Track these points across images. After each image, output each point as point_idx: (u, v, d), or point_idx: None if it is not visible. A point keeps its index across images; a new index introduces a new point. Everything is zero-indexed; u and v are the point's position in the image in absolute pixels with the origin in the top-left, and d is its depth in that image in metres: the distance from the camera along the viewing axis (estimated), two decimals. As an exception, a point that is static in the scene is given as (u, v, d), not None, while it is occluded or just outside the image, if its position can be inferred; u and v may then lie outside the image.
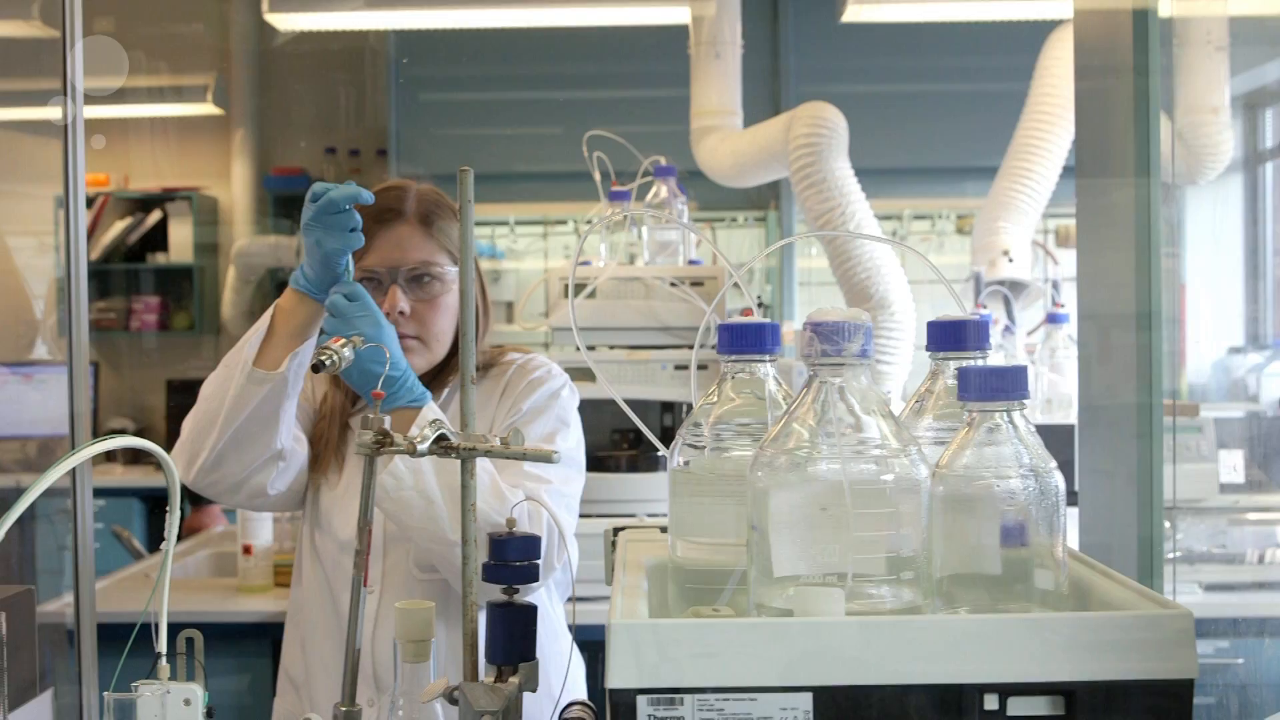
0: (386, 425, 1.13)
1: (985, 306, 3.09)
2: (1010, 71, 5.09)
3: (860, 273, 2.84)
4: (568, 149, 5.65)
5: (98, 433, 5.62)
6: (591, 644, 2.06)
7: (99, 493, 5.20)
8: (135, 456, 5.66)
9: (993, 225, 3.20)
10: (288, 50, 5.81)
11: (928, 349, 1.22)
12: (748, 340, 1.18)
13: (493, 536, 1.19)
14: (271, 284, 6.02)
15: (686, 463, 1.18)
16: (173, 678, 1.12)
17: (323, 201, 1.57)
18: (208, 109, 5.79)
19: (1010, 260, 3.12)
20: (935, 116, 5.63)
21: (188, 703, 1.10)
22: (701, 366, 2.99)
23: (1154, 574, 1.51)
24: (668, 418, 3.18)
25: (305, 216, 1.61)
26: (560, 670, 1.78)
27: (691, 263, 3.12)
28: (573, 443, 1.85)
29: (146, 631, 1.25)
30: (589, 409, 2.10)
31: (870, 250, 2.85)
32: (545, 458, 1.06)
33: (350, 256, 1.63)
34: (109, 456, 5.62)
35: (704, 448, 1.17)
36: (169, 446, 1.83)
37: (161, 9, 5.60)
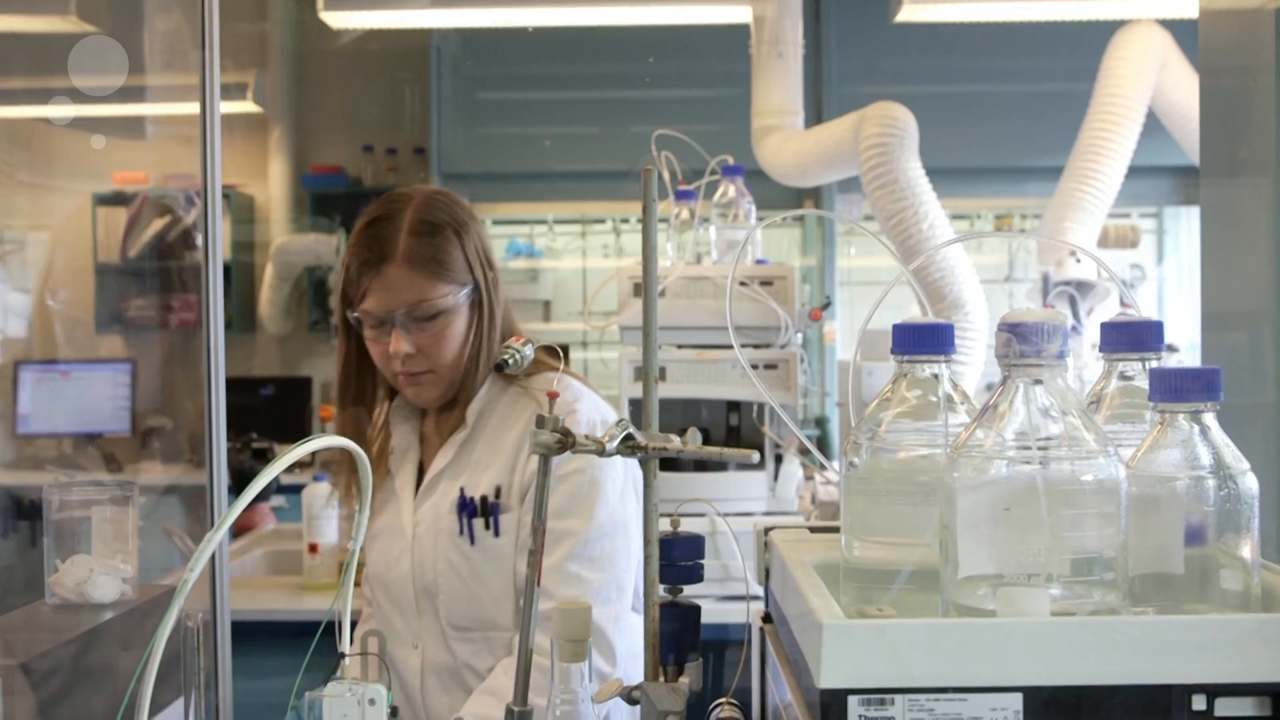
0: (564, 423, 1.13)
1: (1052, 306, 3.09)
2: (1057, 72, 5.10)
3: (934, 273, 2.83)
4: (605, 148, 5.67)
5: (137, 430, 5.63)
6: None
7: (139, 489, 5.21)
8: (173, 454, 5.66)
9: (1059, 226, 3.20)
10: (327, 48, 5.81)
11: (1100, 350, 1.22)
12: (924, 340, 1.17)
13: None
14: (309, 281, 6.02)
15: (853, 463, 1.18)
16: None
17: None
18: (247, 106, 5.79)
19: (1078, 260, 3.12)
20: (973, 117, 5.63)
21: (373, 702, 1.10)
22: (771, 366, 2.99)
23: (1294, 575, 1.50)
24: (734, 417, 3.18)
25: None
26: None
27: (759, 262, 3.12)
28: (614, 503, 1.77)
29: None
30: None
31: (943, 250, 2.84)
32: (746, 459, 1.06)
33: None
34: (148, 454, 5.62)
35: (878, 448, 1.17)
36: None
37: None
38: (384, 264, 1.74)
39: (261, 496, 4.25)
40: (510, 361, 1.12)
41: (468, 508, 1.74)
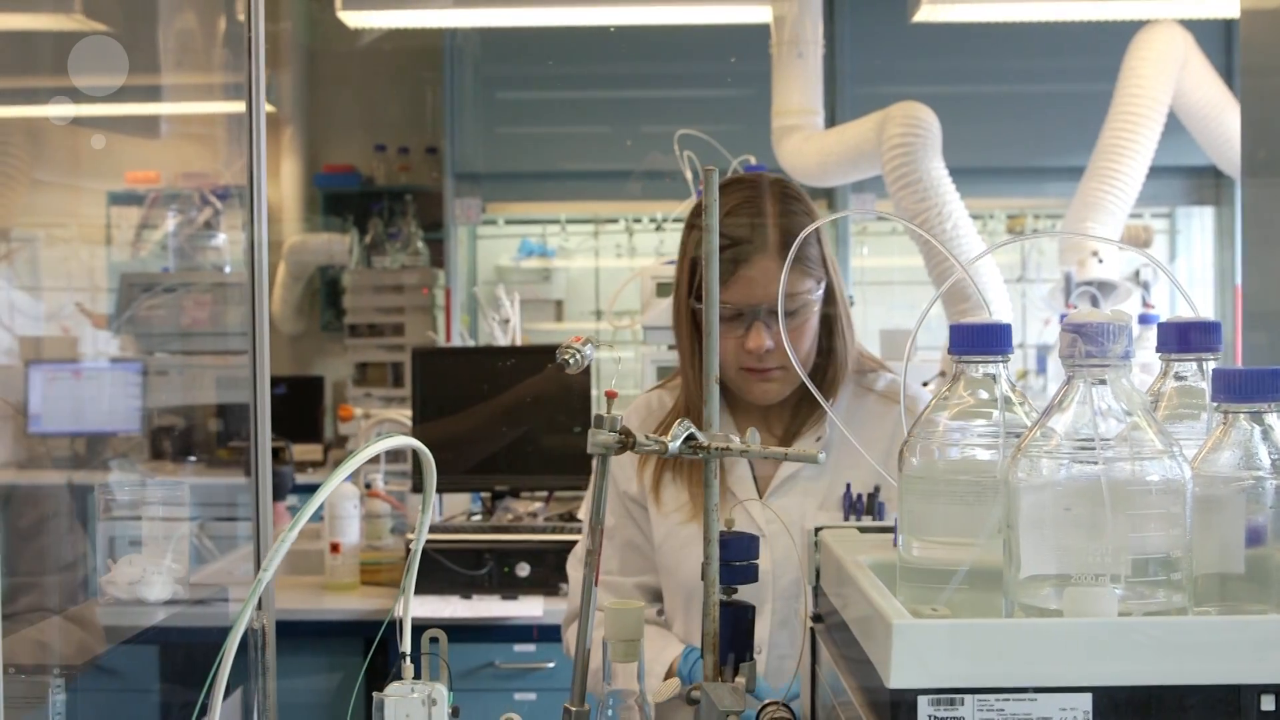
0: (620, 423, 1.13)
1: (1075, 306, 3.08)
2: (1073, 72, 5.09)
3: (959, 273, 2.83)
4: (618, 147, 5.66)
5: (148, 430, 5.62)
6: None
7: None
8: (183, 454, 5.65)
9: (1081, 226, 3.20)
10: (340, 48, 5.81)
11: (1158, 350, 1.22)
12: (982, 340, 1.17)
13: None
14: (321, 281, 6.01)
15: (911, 463, 1.18)
16: (417, 677, 1.12)
17: None
18: (260, 106, 5.78)
19: (1100, 261, 3.12)
20: (987, 117, 5.62)
21: (434, 702, 1.10)
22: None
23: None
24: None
25: None
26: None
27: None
28: None
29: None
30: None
31: (968, 250, 2.85)
32: (811, 459, 1.06)
33: None
34: (157, 454, 5.62)
35: (935, 448, 1.17)
36: (219, 445, 1.83)
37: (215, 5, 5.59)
38: (755, 255, 1.71)
39: (278, 496, 4.25)
40: (570, 362, 1.12)
41: (856, 505, 1.68)
